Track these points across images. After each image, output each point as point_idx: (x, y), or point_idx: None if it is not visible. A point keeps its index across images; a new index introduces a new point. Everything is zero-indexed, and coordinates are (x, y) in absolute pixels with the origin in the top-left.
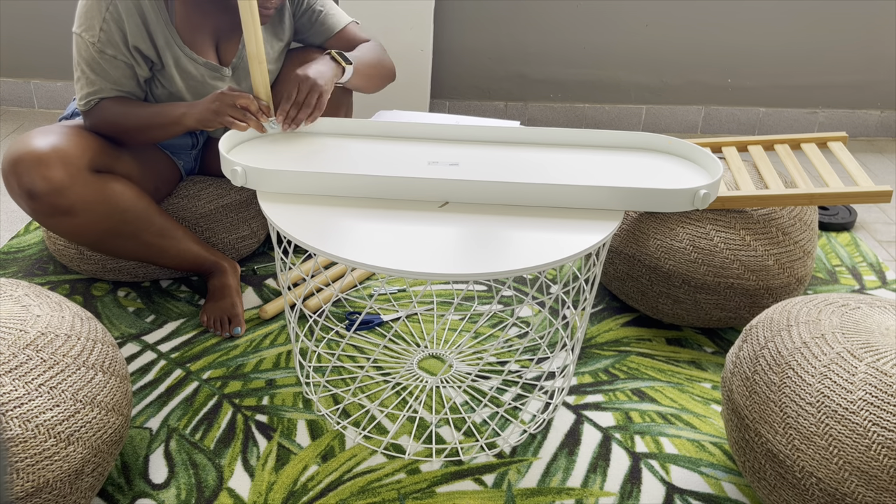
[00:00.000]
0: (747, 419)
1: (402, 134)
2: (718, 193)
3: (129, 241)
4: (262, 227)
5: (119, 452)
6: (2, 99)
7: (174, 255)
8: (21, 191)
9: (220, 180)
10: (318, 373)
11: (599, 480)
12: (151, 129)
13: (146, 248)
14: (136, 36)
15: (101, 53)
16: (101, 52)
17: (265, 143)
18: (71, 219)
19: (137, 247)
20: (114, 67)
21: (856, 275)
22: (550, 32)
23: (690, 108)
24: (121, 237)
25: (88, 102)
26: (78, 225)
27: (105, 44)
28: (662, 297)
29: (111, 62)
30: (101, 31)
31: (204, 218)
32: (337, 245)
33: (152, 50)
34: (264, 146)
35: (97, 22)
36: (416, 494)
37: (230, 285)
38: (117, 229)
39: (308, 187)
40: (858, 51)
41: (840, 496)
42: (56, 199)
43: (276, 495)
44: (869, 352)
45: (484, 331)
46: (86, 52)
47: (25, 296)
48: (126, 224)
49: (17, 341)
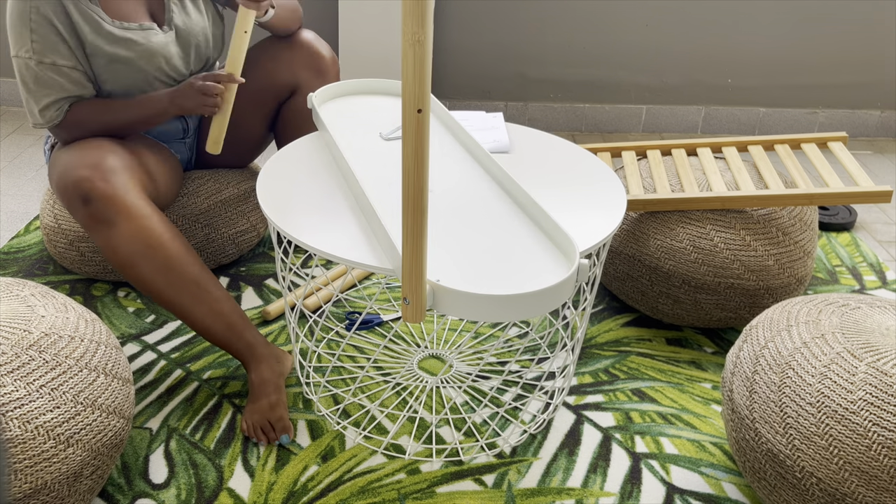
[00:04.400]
0: (747, 419)
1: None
2: (719, 193)
3: (161, 275)
4: (261, 221)
5: (120, 455)
6: (2, 99)
7: (206, 312)
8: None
9: (216, 174)
10: (318, 373)
11: (599, 480)
12: (134, 126)
13: (177, 292)
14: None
15: (40, 65)
16: (40, 62)
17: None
18: (111, 229)
19: (168, 285)
20: (59, 74)
21: (856, 275)
22: (550, 32)
23: (690, 108)
24: (153, 265)
25: (57, 114)
26: (116, 236)
27: (42, 52)
28: (662, 297)
29: (55, 69)
30: (32, 43)
31: (203, 214)
32: (337, 245)
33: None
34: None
35: (26, 33)
36: (417, 494)
37: (268, 381)
38: (151, 256)
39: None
40: (858, 51)
41: (840, 496)
42: (105, 207)
43: (276, 495)
44: (869, 352)
45: (484, 331)
46: (27, 70)
47: (31, 296)
48: (162, 250)
49: (20, 341)
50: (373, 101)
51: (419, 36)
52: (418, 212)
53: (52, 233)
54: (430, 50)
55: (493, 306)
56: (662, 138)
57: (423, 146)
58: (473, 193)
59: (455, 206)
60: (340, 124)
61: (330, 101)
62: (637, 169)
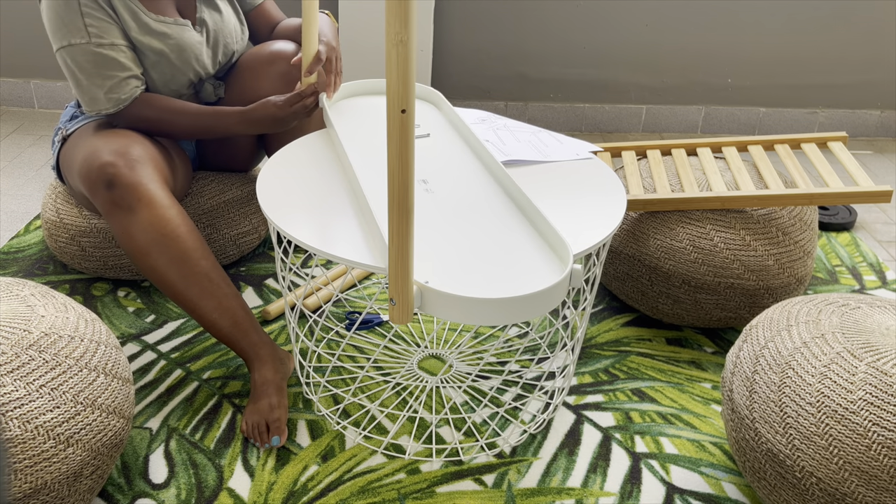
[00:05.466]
0: (747, 419)
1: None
2: (719, 193)
3: (175, 266)
4: (262, 223)
5: (119, 455)
6: (2, 99)
7: (214, 307)
8: (101, 179)
9: (221, 175)
10: (318, 373)
11: (599, 480)
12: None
13: (188, 284)
14: (113, 13)
15: (101, 47)
16: (100, 44)
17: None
18: (131, 216)
19: (180, 277)
20: (119, 52)
21: (856, 275)
22: (550, 32)
23: (690, 108)
24: (167, 255)
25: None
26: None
27: (100, 35)
28: (662, 297)
29: (115, 48)
30: (88, 27)
31: (206, 214)
32: (337, 245)
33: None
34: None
35: (78, 21)
36: (416, 494)
37: (270, 381)
38: (167, 245)
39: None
40: (858, 51)
41: (840, 496)
42: (128, 193)
43: (276, 495)
44: (869, 352)
45: (484, 331)
46: (84, 56)
47: (31, 296)
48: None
49: (20, 341)
50: (374, 101)
51: (402, 36)
52: (403, 212)
53: (54, 227)
54: (415, 50)
55: (481, 309)
56: (662, 138)
57: (408, 146)
58: (473, 192)
59: (453, 205)
60: (343, 124)
61: (339, 102)
62: (637, 169)
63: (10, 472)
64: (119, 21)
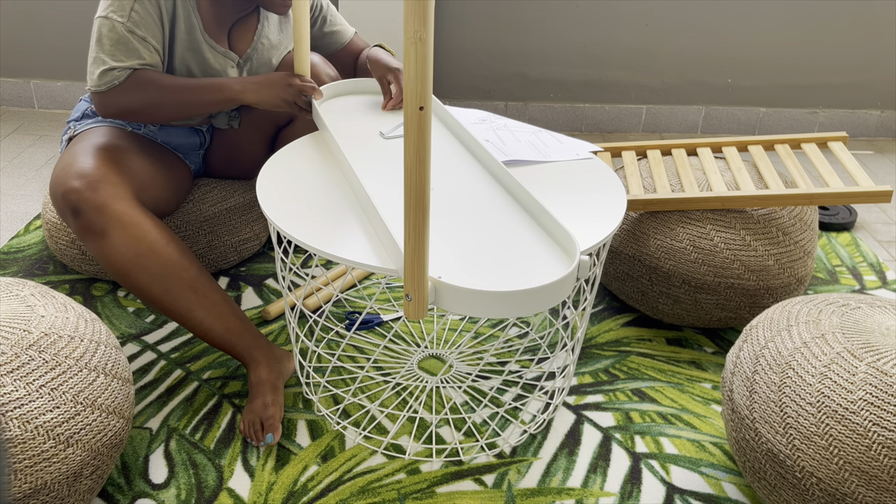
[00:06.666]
0: (747, 419)
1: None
2: (719, 193)
3: (157, 282)
4: (263, 230)
5: (119, 455)
6: (2, 99)
7: (204, 316)
8: (66, 207)
9: (223, 183)
10: (318, 373)
11: (599, 480)
12: (197, 104)
13: (174, 298)
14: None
15: (131, 33)
16: (132, 31)
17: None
18: (104, 240)
19: (165, 292)
20: (144, 46)
21: (856, 275)
22: (550, 32)
23: (690, 108)
24: (147, 273)
25: (118, 75)
26: (109, 246)
27: (136, 24)
28: (662, 297)
29: (142, 42)
30: (132, 12)
31: (208, 221)
32: (337, 245)
33: (169, 36)
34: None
35: (129, 3)
36: (416, 494)
37: (265, 381)
38: (145, 264)
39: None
40: (858, 51)
41: (840, 496)
42: (95, 217)
43: (276, 495)
44: (869, 352)
45: (484, 331)
46: (112, 32)
47: (31, 296)
48: (156, 258)
49: (20, 341)
50: (373, 101)
51: (421, 34)
52: (420, 209)
53: (55, 229)
54: (432, 48)
55: (495, 303)
56: (662, 138)
57: (425, 143)
58: (475, 192)
59: (457, 204)
60: (341, 123)
61: (330, 101)
62: (637, 169)
63: (10, 472)
64: (168, 29)
